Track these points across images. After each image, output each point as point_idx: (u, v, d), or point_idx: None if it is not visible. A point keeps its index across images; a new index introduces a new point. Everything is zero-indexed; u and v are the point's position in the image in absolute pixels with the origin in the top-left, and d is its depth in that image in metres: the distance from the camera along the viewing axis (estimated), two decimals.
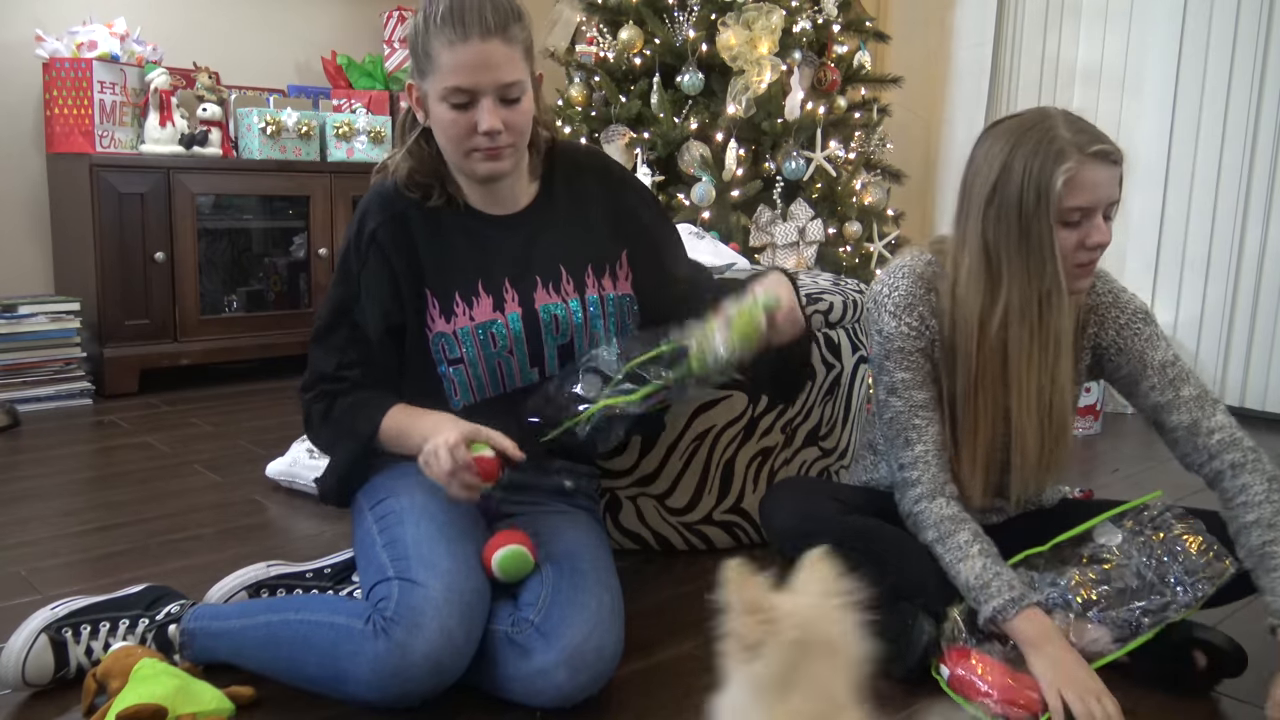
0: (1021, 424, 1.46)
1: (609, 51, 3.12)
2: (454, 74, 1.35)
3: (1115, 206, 1.40)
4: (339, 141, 3.60)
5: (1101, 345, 1.52)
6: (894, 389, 1.51)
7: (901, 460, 1.51)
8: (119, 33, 3.23)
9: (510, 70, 1.37)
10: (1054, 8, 3.68)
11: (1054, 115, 1.39)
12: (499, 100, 1.37)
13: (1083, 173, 1.34)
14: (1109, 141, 1.37)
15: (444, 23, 1.35)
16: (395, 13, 3.91)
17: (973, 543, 1.44)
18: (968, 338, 1.45)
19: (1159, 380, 1.48)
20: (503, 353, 1.50)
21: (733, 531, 1.97)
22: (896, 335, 1.49)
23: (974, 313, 1.44)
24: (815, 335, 1.41)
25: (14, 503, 2.17)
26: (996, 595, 1.39)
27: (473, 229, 1.51)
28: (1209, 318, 3.34)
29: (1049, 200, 1.35)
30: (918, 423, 1.50)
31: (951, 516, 1.47)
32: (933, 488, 1.48)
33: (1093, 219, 1.37)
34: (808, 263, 2.97)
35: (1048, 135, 1.36)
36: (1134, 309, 1.52)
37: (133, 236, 3.12)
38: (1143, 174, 3.45)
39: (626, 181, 1.63)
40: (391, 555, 1.32)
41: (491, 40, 1.34)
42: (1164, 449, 1.54)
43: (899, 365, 1.50)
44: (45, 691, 1.36)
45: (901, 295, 1.49)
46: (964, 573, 1.43)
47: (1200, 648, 1.43)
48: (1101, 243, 1.38)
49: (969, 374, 1.47)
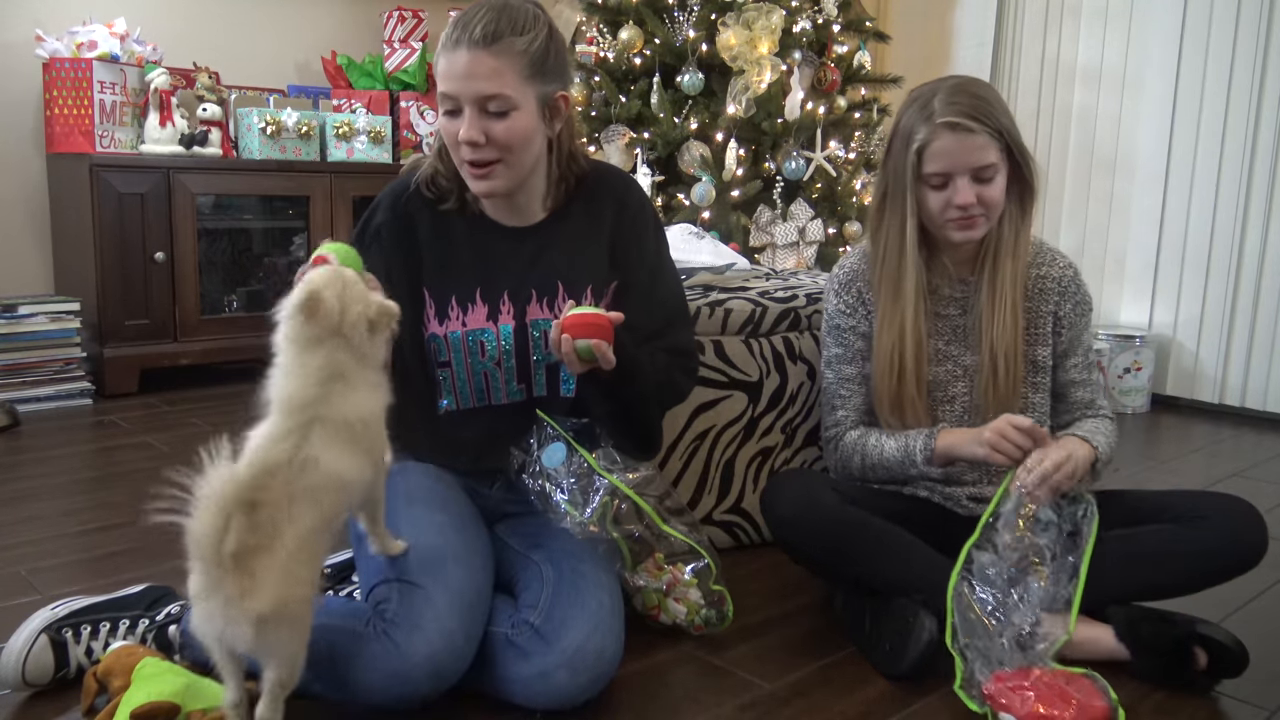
0: (914, 352, 1.60)
1: (609, 51, 3.12)
2: (442, 80, 1.39)
3: (991, 169, 1.52)
4: (339, 141, 3.60)
5: (1059, 316, 1.66)
6: (829, 362, 1.71)
7: (827, 422, 1.72)
8: (119, 33, 3.23)
9: (493, 84, 1.36)
10: (1054, 8, 3.68)
11: (943, 86, 1.54)
12: (480, 112, 1.37)
13: (935, 141, 1.51)
14: (979, 111, 1.50)
15: (453, 27, 1.38)
16: (395, 13, 3.91)
17: (880, 436, 1.64)
18: (888, 267, 1.62)
19: (1082, 362, 1.68)
20: (490, 363, 1.50)
21: (733, 531, 1.97)
22: (835, 313, 1.69)
23: (873, 261, 1.64)
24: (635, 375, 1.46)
25: (14, 503, 2.17)
26: (915, 442, 1.58)
27: (480, 236, 1.51)
28: (1209, 318, 3.34)
29: (909, 165, 1.53)
30: (843, 394, 1.70)
31: (859, 434, 1.67)
32: (844, 430, 1.69)
33: (954, 182, 1.52)
34: (808, 263, 2.97)
35: (924, 104, 1.53)
36: (1087, 295, 1.69)
37: (133, 236, 3.12)
38: (1143, 174, 3.45)
39: (642, 212, 1.58)
40: (391, 557, 1.32)
41: (477, 51, 1.35)
42: (1163, 449, 1.55)
43: (835, 341, 1.69)
44: (45, 691, 1.36)
45: (845, 272, 1.69)
46: (888, 457, 1.61)
47: (1201, 644, 1.43)
48: (965, 203, 1.52)
49: (893, 291, 1.62)
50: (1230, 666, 1.42)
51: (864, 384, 1.68)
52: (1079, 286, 1.67)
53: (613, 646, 1.33)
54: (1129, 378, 3.32)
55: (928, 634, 1.42)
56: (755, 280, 2.18)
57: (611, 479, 1.42)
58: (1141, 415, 3.30)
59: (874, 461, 1.64)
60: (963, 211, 1.53)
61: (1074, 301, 1.65)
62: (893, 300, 1.61)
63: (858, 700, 1.40)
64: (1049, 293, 1.65)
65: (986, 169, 1.52)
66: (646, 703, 1.38)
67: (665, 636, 1.57)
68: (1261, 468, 2.67)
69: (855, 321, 1.67)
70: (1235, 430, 3.07)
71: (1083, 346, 1.68)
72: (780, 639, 1.59)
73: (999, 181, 1.54)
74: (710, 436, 1.91)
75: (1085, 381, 1.68)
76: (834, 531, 1.51)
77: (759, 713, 1.37)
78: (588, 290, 1.51)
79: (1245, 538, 1.49)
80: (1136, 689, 1.43)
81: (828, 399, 1.71)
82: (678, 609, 1.55)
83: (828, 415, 1.72)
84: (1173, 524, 1.52)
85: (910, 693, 1.42)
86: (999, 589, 1.42)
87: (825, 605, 1.70)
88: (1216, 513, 1.52)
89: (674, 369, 1.55)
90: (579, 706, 1.29)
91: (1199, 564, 1.50)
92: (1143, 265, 3.47)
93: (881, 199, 1.62)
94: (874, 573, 1.52)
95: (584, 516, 1.40)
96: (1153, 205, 3.43)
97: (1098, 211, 3.61)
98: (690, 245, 2.25)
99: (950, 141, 1.50)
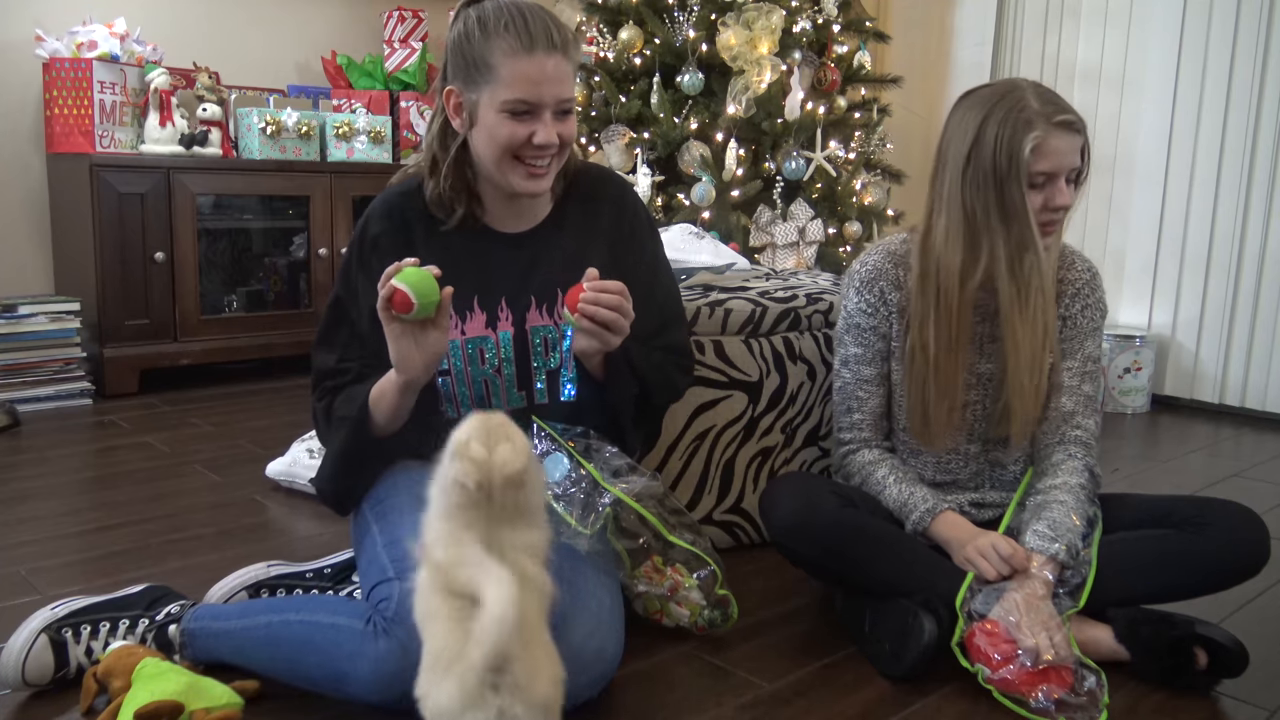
0: (1018, 372, 1.54)
1: (609, 51, 3.12)
2: (518, 85, 1.36)
3: (1076, 172, 1.50)
4: (339, 141, 3.60)
5: (1066, 316, 1.63)
6: (846, 361, 1.66)
7: (840, 424, 1.69)
8: (119, 33, 3.23)
9: (569, 86, 1.41)
10: (1054, 8, 3.68)
11: (1023, 86, 1.50)
12: (555, 115, 1.40)
13: (1049, 140, 1.45)
14: (1073, 111, 1.48)
15: (509, 31, 1.36)
16: (395, 13, 3.91)
17: (888, 475, 1.61)
18: (948, 294, 1.54)
19: (1078, 368, 1.62)
20: (490, 370, 1.50)
21: (733, 531, 1.97)
22: (856, 311, 1.64)
23: (954, 271, 1.53)
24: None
25: (14, 503, 2.17)
26: (914, 510, 1.56)
27: (477, 243, 1.50)
28: (1209, 318, 3.34)
29: (1019, 165, 1.46)
30: (861, 395, 1.65)
31: (872, 460, 1.64)
32: (859, 445, 1.66)
33: (1055, 183, 1.48)
34: (808, 263, 2.97)
35: (1018, 105, 1.47)
36: (1101, 301, 1.64)
37: (133, 236, 3.12)
38: (1143, 174, 3.45)
39: (638, 214, 1.59)
40: (392, 555, 1.32)
41: (556, 55, 1.37)
42: (1163, 449, 1.55)
43: (854, 340, 1.65)
44: (45, 691, 1.36)
45: (868, 270, 1.63)
46: (885, 501, 1.59)
47: (1202, 645, 1.43)
48: (1064, 204, 1.49)
49: (949, 329, 1.55)
50: (1230, 666, 1.42)
51: (882, 385, 1.65)
52: (1093, 290, 1.63)
53: (613, 646, 1.33)
54: (1129, 378, 3.33)
55: (928, 634, 1.41)
56: (755, 280, 2.18)
57: (616, 491, 1.42)
58: (1141, 415, 3.30)
59: (873, 493, 1.62)
60: (1054, 214, 1.49)
61: (1083, 303, 1.62)
62: (1014, 313, 1.52)
63: (858, 700, 1.40)
64: (1064, 296, 1.62)
65: (1075, 171, 1.50)
66: (646, 703, 1.38)
67: (666, 636, 1.57)
68: (1261, 468, 2.67)
69: (877, 322, 1.62)
70: (1235, 430, 3.07)
71: (1083, 352, 1.62)
72: (780, 639, 1.59)
73: (1074, 186, 1.52)
74: (710, 436, 1.91)
75: (1075, 390, 1.61)
76: (833, 536, 1.51)
77: (759, 713, 1.37)
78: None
79: (1247, 545, 1.49)
80: (1136, 689, 1.43)
81: (843, 399, 1.67)
82: (680, 613, 1.55)
83: (843, 417, 1.68)
84: (1174, 530, 1.52)
85: (910, 693, 1.42)
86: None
87: (825, 605, 1.70)
88: (1218, 519, 1.51)
89: (669, 366, 1.56)
90: (579, 706, 1.29)
91: (1200, 570, 1.50)
92: (1142, 265, 3.48)
93: (984, 211, 1.49)
94: (874, 576, 1.52)
95: (586, 529, 1.39)
96: (1152, 205, 3.43)
97: (1097, 211, 3.61)
98: (690, 245, 2.25)
99: (1064, 141, 1.46)
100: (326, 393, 1.48)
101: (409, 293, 1.26)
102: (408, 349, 1.32)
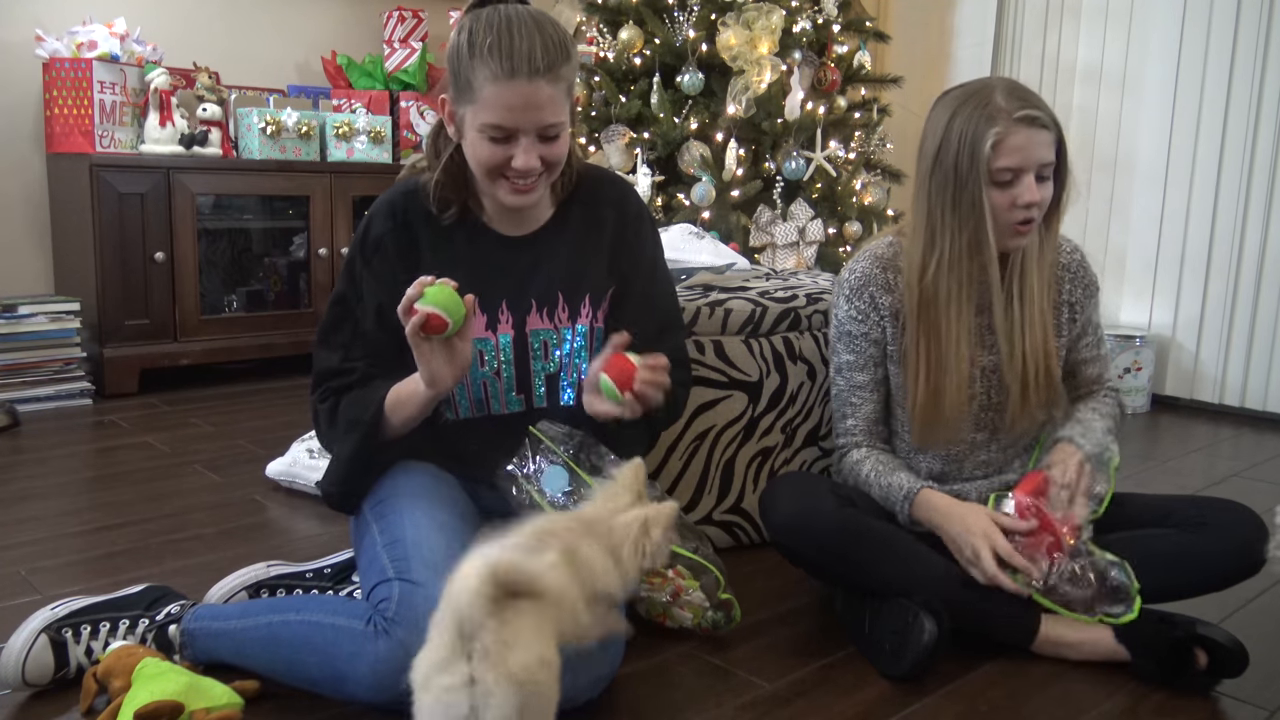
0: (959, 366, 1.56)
1: (609, 51, 3.12)
2: (495, 111, 1.32)
3: (1049, 168, 1.50)
4: (339, 141, 3.60)
5: (1071, 303, 1.66)
6: (839, 369, 1.68)
7: (837, 430, 1.71)
8: (119, 33, 3.23)
9: (553, 111, 1.34)
10: (1054, 8, 3.68)
11: (994, 84, 1.51)
12: (537, 139, 1.36)
13: (1010, 137, 1.46)
14: (1041, 107, 1.49)
15: (490, 54, 1.31)
16: (395, 13, 3.91)
17: (871, 470, 1.62)
18: (910, 291, 1.57)
19: (1093, 340, 1.70)
20: (489, 373, 1.49)
21: (733, 531, 1.97)
22: (846, 319, 1.64)
23: (915, 267, 1.56)
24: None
25: (14, 503, 2.17)
26: (896, 500, 1.57)
27: (480, 245, 1.50)
28: (1209, 318, 3.34)
29: (979, 161, 1.46)
30: (855, 401, 1.67)
31: (859, 459, 1.65)
32: (850, 448, 1.67)
33: (1023, 179, 1.47)
34: (808, 263, 2.97)
35: (983, 101, 1.48)
36: (1093, 277, 1.69)
37: (133, 236, 3.12)
38: (1143, 174, 3.45)
39: (640, 219, 1.57)
40: (392, 555, 1.32)
41: (538, 81, 1.31)
42: (1163, 449, 1.56)
43: (846, 348, 1.66)
44: (45, 691, 1.36)
45: (857, 277, 1.63)
46: (875, 497, 1.61)
47: (1202, 645, 1.43)
48: (1031, 201, 1.48)
49: (913, 325, 1.57)
50: (1230, 666, 1.42)
51: (877, 390, 1.66)
52: (1085, 269, 1.67)
53: (613, 646, 1.32)
54: (1129, 378, 3.32)
55: (928, 634, 1.41)
56: (755, 280, 2.18)
57: None
58: (1141, 415, 3.30)
59: (865, 491, 1.63)
60: (1026, 211, 1.48)
61: (1083, 285, 1.66)
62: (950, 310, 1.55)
63: (858, 700, 1.40)
64: (1060, 281, 1.64)
65: (1046, 167, 1.50)
66: (646, 703, 1.38)
67: (666, 636, 1.57)
68: (1261, 468, 2.67)
69: (868, 328, 1.62)
70: (1235, 430, 3.07)
71: (1093, 325, 1.69)
72: (780, 639, 1.59)
73: (1050, 183, 1.52)
74: (710, 436, 1.91)
75: (1096, 358, 1.70)
76: (833, 536, 1.51)
77: (759, 713, 1.37)
78: (586, 299, 1.51)
79: (1246, 546, 1.49)
80: (1136, 689, 1.43)
81: (838, 406, 1.69)
82: (683, 615, 1.55)
83: (838, 423, 1.70)
84: (1174, 530, 1.52)
85: (910, 693, 1.42)
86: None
87: (825, 605, 1.70)
88: (1219, 520, 1.52)
89: (677, 392, 1.52)
90: (579, 706, 1.29)
91: (1200, 571, 1.50)
92: (1142, 265, 3.47)
93: (941, 209, 1.52)
94: (874, 576, 1.52)
95: None
96: (1152, 205, 3.43)
97: (1098, 211, 3.61)
98: (690, 245, 2.25)
99: (1025, 136, 1.46)
100: (330, 393, 1.48)
101: (441, 313, 1.26)
102: (440, 366, 1.32)
